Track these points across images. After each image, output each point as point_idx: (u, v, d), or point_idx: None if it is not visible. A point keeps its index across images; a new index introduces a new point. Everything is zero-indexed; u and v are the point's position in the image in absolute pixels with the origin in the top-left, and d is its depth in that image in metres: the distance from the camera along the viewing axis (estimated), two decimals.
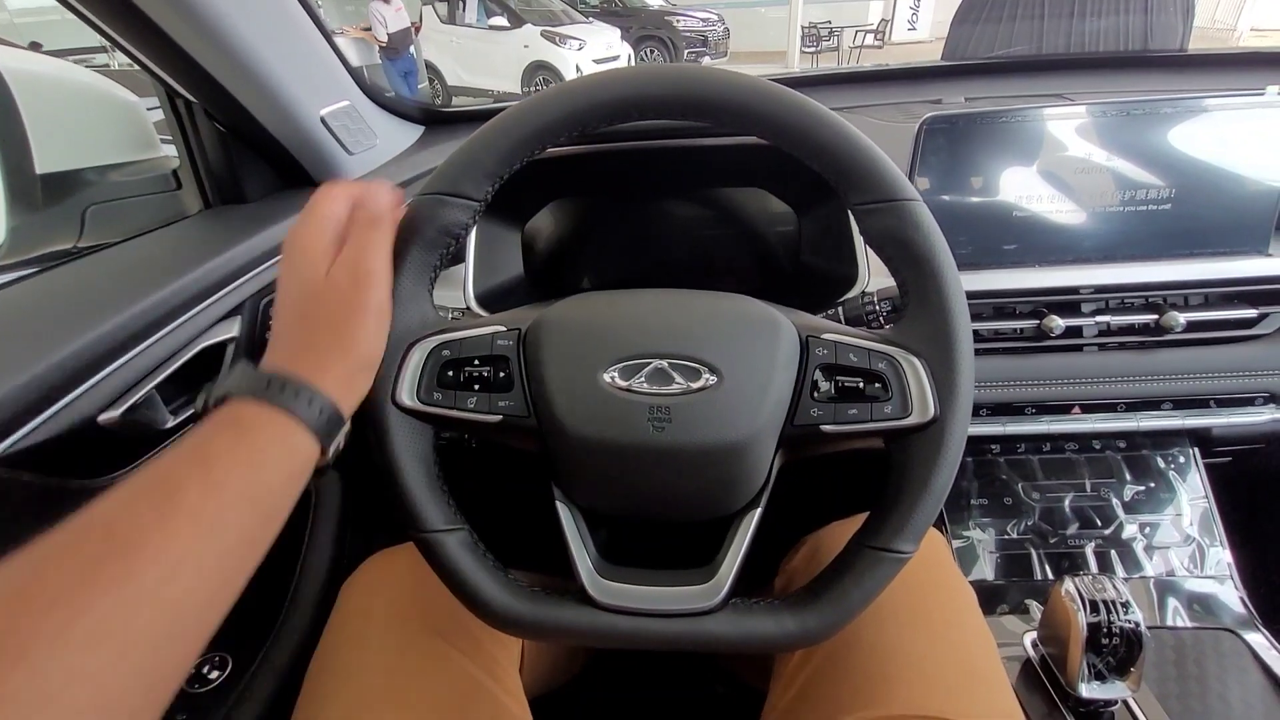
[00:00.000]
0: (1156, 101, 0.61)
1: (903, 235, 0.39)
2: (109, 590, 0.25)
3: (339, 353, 0.36)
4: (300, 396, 0.33)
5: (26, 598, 0.24)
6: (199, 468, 0.29)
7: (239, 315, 0.60)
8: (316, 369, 0.34)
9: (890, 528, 0.38)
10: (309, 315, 0.36)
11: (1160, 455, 0.71)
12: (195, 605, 0.28)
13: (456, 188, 0.40)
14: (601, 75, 0.41)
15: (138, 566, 0.26)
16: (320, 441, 0.33)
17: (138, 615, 0.25)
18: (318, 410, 0.33)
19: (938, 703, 0.43)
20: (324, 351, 0.35)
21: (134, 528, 0.27)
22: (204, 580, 0.28)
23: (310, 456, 0.33)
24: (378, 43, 5.82)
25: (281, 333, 0.36)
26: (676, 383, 0.39)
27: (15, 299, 0.53)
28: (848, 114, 0.42)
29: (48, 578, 0.24)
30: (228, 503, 0.29)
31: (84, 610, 0.24)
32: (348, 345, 0.36)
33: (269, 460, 0.31)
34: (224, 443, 0.31)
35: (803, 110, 0.39)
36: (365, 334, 0.37)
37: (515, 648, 0.55)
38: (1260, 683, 0.57)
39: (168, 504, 0.28)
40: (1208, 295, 0.65)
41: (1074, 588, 0.52)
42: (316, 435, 0.33)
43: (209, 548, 0.28)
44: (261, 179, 0.74)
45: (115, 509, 0.27)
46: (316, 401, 0.33)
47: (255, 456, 0.31)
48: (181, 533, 0.27)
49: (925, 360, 0.39)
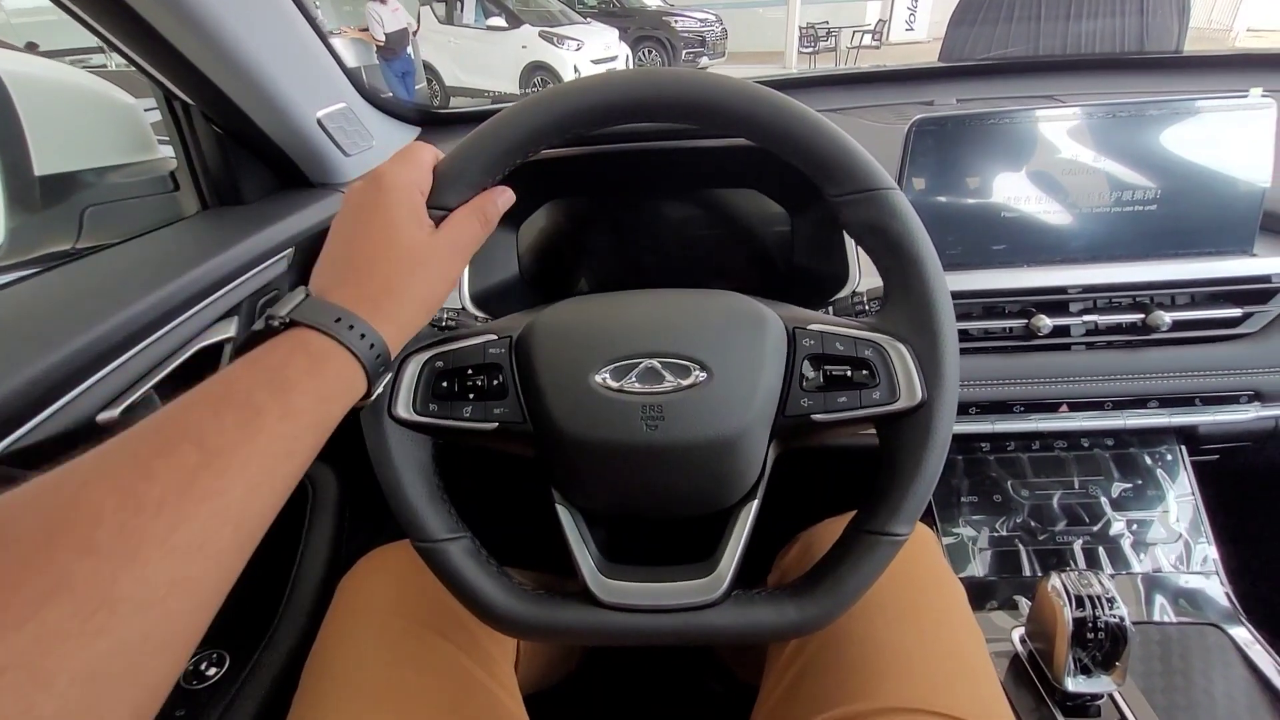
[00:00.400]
0: (1143, 103, 0.61)
1: (881, 223, 0.40)
2: (204, 501, 0.25)
3: (407, 303, 0.36)
4: (365, 337, 0.33)
5: (137, 495, 0.24)
6: (279, 392, 0.30)
7: (236, 315, 0.60)
8: (381, 313, 0.35)
9: (884, 511, 0.39)
10: (391, 259, 0.36)
11: (1148, 453, 0.72)
12: (260, 525, 0.29)
13: (441, 200, 0.41)
14: (581, 81, 0.41)
15: (227, 482, 0.26)
16: (370, 383, 0.34)
17: (224, 528, 0.26)
18: (376, 354, 0.34)
19: (926, 696, 0.43)
20: (397, 300, 0.36)
21: (224, 443, 0.27)
22: (273, 502, 0.29)
23: (360, 395, 0.34)
24: (375, 43, 5.82)
25: (352, 263, 0.36)
26: (668, 381, 0.39)
27: (14, 299, 0.53)
28: (841, 115, 0.42)
29: (156, 477, 0.24)
30: (301, 430, 0.30)
31: (188, 517, 0.24)
32: (419, 296, 0.37)
33: (335, 394, 0.32)
34: (299, 370, 0.31)
35: (780, 108, 0.40)
36: (437, 294, 0.39)
37: (511, 645, 0.55)
38: (1244, 676, 0.58)
39: (253, 424, 0.28)
40: (1193, 295, 0.65)
41: (1060, 583, 0.53)
42: (369, 376, 0.34)
43: (280, 470, 0.29)
44: (258, 180, 0.75)
45: (204, 420, 0.27)
46: (377, 345, 0.34)
47: (325, 389, 0.32)
48: (265, 453, 0.28)
49: (910, 345, 0.40)
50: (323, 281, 0.36)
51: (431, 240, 0.38)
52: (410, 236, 0.37)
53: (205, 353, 0.57)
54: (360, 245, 0.37)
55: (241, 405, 0.28)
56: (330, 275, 0.36)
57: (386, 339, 0.35)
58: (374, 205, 0.37)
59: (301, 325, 0.33)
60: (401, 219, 0.37)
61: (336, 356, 0.33)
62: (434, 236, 0.39)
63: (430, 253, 0.38)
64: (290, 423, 0.29)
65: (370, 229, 0.37)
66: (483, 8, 7.37)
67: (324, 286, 0.35)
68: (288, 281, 0.68)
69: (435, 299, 0.39)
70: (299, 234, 0.67)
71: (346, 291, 0.35)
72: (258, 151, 0.72)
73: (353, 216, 0.38)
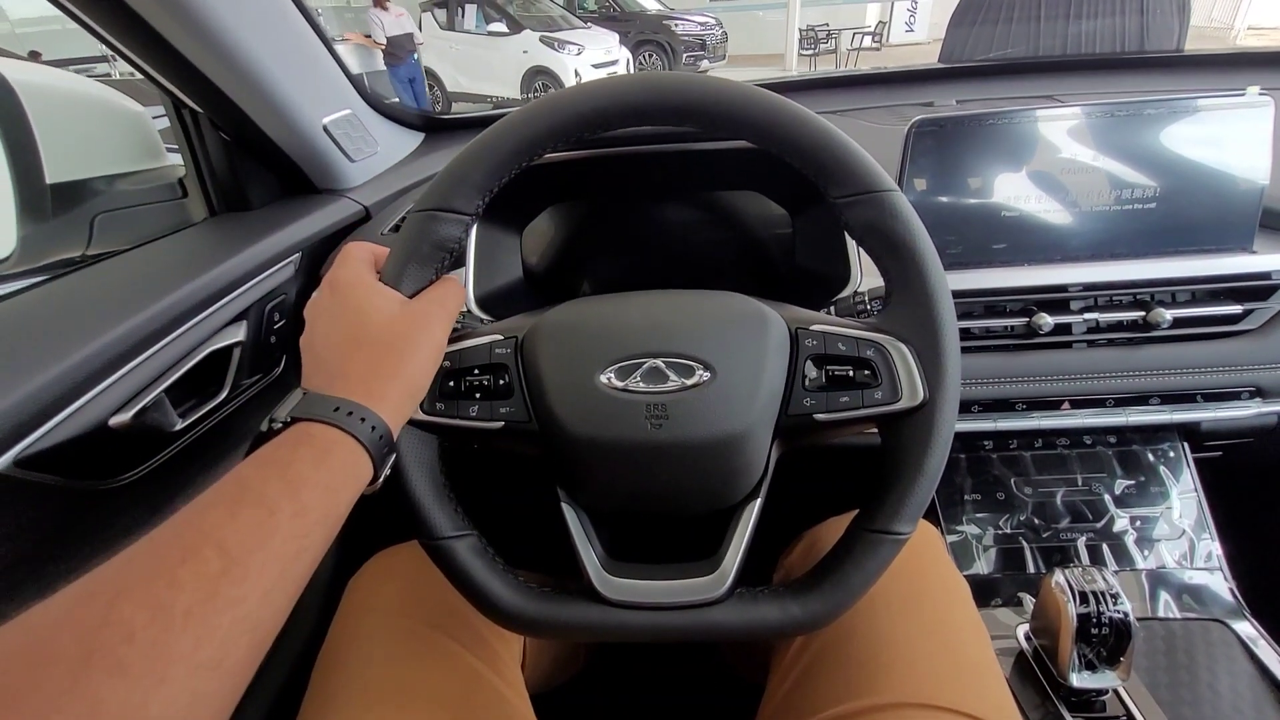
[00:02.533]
0: (1141, 102, 0.62)
1: (882, 225, 0.41)
2: (227, 610, 0.25)
3: (398, 380, 0.37)
4: (365, 420, 0.34)
5: (165, 608, 0.24)
6: (289, 491, 0.30)
7: (245, 320, 0.61)
8: (374, 395, 0.35)
9: (887, 510, 0.39)
10: (369, 343, 0.37)
11: (1150, 450, 0.72)
12: (270, 634, 0.28)
13: (448, 203, 0.41)
14: (584, 86, 0.42)
15: (246, 589, 0.26)
16: (375, 465, 0.34)
17: (241, 638, 0.26)
18: (378, 435, 0.34)
19: (932, 691, 0.43)
20: (386, 379, 0.36)
21: (243, 547, 0.27)
22: (284, 607, 0.29)
23: (367, 479, 0.34)
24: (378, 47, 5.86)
25: (335, 360, 0.37)
26: (671, 380, 0.40)
27: (28, 305, 0.54)
28: (841, 117, 0.43)
29: (182, 586, 0.24)
30: (312, 525, 0.30)
31: (213, 630, 0.24)
32: (408, 373, 0.37)
33: (342, 482, 0.32)
34: (306, 463, 0.31)
35: (781, 111, 0.41)
36: (425, 365, 0.39)
37: (517, 644, 0.56)
38: (1249, 671, 0.58)
39: (268, 525, 0.28)
40: (1194, 292, 0.66)
41: (1064, 579, 0.53)
42: (374, 459, 0.34)
43: (292, 573, 0.29)
44: (265, 187, 0.76)
45: (222, 523, 0.27)
46: (378, 426, 0.34)
47: (332, 479, 0.32)
48: (279, 555, 0.28)
49: (912, 345, 0.40)
50: (315, 384, 0.36)
51: (405, 309, 0.39)
52: (381, 313, 0.38)
53: (215, 357, 0.58)
54: (337, 342, 0.38)
55: (255, 504, 0.28)
56: (320, 377, 0.37)
57: (385, 417, 0.35)
58: (337, 304, 0.39)
59: (303, 420, 0.33)
60: (366, 304, 0.38)
61: (340, 445, 0.33)
62: (407, 305, 0.40)
63: (408, 321, 0.39)
64: (301, 519, 0.29)
65: (340, 324, 0.38)
66: (483, 14, 7.39)
67: (317, 387, 0.36)
68: (294, 285, 0.68)
69: (424, 364, 0.39)
70: (305, 239, 0.68)
71: (337, 385, 0.35)
72: (264, 158, 0.73)
73: (323, 322, 0.39)
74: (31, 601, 0.23)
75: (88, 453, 0.48)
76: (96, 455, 0.49)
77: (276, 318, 0.65)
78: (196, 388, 0.58)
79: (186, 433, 0.56)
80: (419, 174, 0.84)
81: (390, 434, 0.35)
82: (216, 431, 0.61)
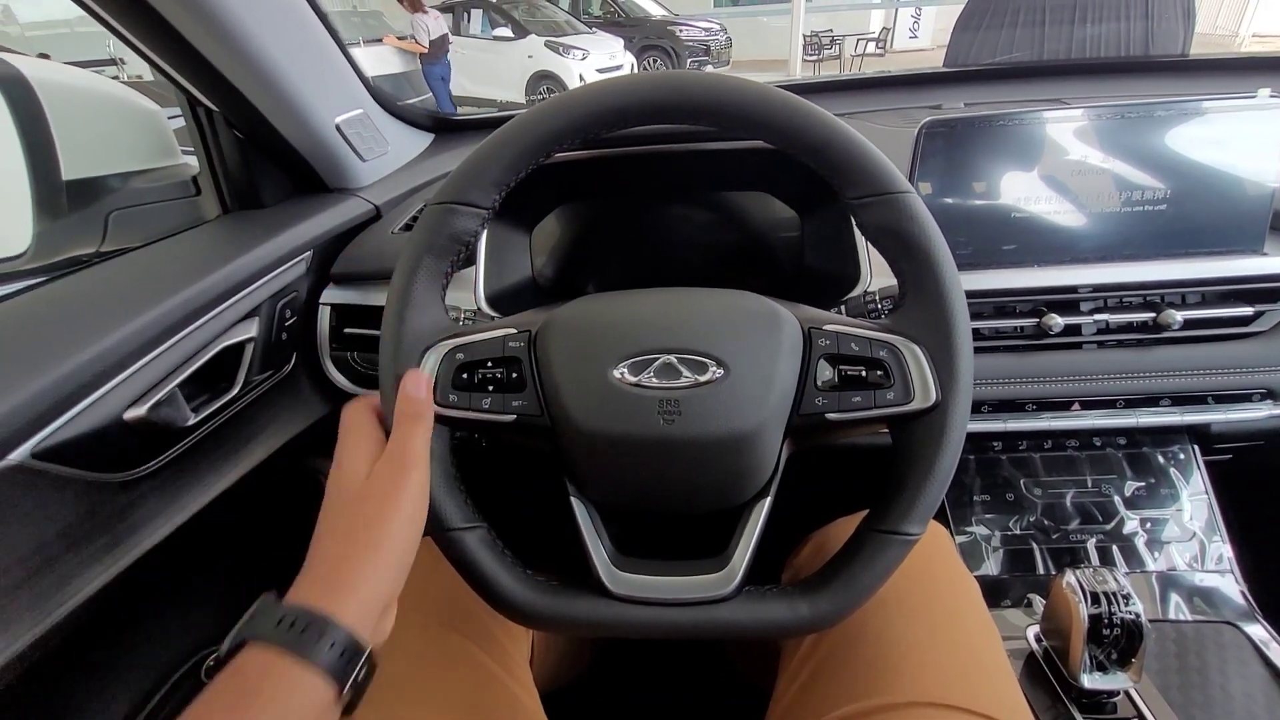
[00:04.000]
0: (1150, 105, 0.62)
1: (898, 227, 0.41)
2: None
3: (371, 560, 0.34)
4: (323, 639, 0.31)
5: None
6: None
7: (257, 316, 0.61)
8: (343, 589, 0.33)
9: (897, 511, 0.39)
10: (346, 520, 0.36)
11: (1160, 452, 0.72)
12: None
13: (465, 196, 0.41)
14: (601, 84, 0.42)
15: None
16: (337, 683, 0.31)
17: None
18: (338, 653, 0.31)
19: (942, 690, 0.43)
20: (357, 563, 0.34)
21: None
22: None
23: (328, 698, 0.31)
24: (419, 50, 5.99)
25: (317, 551, 0.35)
26: (684, 376, 0.40)
27: (44, 301, 0.55)
28: (850, 119, 0.43)
29: None
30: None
31: None
32: (380, 543, 0.34)
33: (286, 714, 0.29)
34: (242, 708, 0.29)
35: (798, 111, 0.41)
36: (399, 528, 0.36)
37: (525, 642, 0.56)
38: (1261, 674, 0.57)
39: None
40: (1204, 294, 0.65)
41: (1075, 580, 0.53)
42: (334, 678, 0.31)
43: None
44: (278, 185, 0.76)
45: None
46: (338, 643, 0.31)
47: (273, 714, 0.29)
48: None
49: (925, 347, 0.40)
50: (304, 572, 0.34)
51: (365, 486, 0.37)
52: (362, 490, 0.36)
53: (227, 353, 0.58)
54: (322, 529, 0.36)
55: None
56: (307, 565, 0.34)
57: (352, 622, 0.32)
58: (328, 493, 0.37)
59: (252, 644, 0.30)
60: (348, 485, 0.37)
61: (287, 675, 0.30)
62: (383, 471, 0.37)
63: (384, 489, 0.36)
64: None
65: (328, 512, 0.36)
66: (489, 19, 7.44)
67: (301, 577, 0.34)
68: (305, 283, 0.69)
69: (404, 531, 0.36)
70: (317, 237, 0.69)
71: (310, 576, 0.33)
72: (277, 157, 0.74)
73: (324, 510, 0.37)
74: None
75: (103, 445, 0.48)
76: (111, 448, 0.49)
77: (288, 315, 0.66)
78: (209, 383, 0.58)
79: (199, 427, 0.56)
80: (429, 174, 0.84)
81: (354, 643, 0.32)
82: (228, 426, 0.61)
